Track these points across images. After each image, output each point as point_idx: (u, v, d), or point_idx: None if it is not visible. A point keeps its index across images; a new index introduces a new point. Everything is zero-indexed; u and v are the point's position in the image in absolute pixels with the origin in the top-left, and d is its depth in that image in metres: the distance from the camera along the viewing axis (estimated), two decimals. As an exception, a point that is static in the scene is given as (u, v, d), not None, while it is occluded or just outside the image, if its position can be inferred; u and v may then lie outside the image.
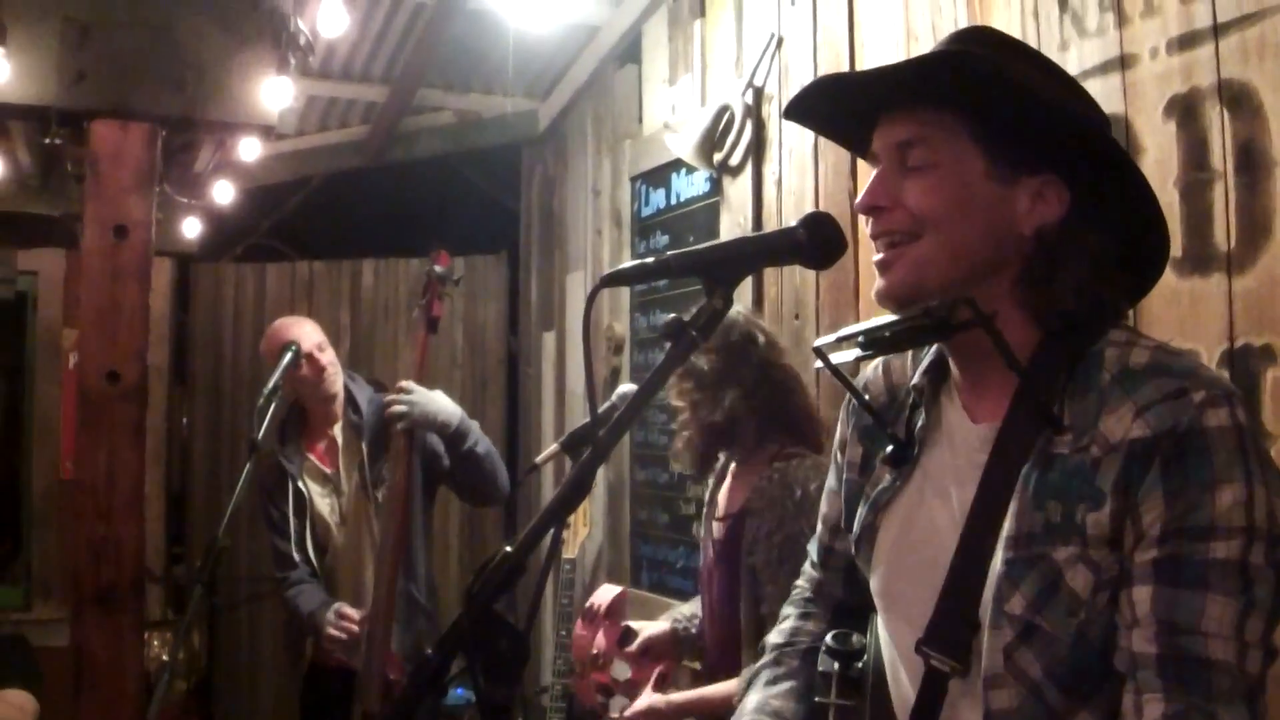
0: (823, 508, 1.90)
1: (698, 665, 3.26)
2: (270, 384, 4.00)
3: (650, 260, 1.37)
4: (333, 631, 3.90)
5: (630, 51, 5.13)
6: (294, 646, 4.48)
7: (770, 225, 3.85)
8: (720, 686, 2.87)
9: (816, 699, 1.64)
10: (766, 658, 1.89)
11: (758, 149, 3.93)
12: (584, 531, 4.95)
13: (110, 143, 3.92)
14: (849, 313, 3.39)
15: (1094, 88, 2.58)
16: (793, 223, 1.43)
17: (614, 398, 2.77)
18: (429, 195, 7.15)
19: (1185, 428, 1.31)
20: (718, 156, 4.06)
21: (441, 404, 3.96)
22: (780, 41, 3.82)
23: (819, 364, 1.61)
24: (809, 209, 3.59)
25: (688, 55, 4.53)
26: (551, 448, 2.67)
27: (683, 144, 4.14)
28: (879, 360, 1.75)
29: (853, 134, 1.66)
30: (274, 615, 6.43)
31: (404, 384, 3.94)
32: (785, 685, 1.82)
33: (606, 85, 5.41)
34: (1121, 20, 2.52)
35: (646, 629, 3.21)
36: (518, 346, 6.76)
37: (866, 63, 3.39)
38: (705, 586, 3.09)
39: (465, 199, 7.21)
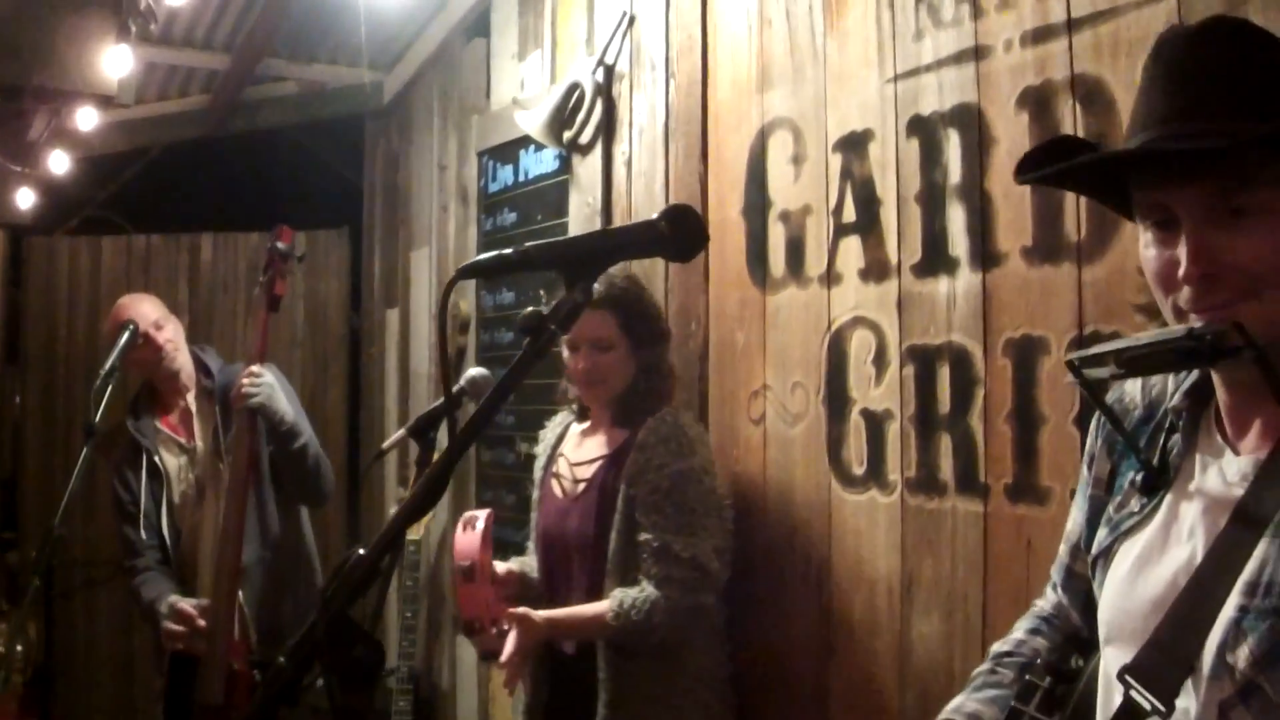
0: (1067, 525, 1.72)
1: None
2: (107, 366, 3.98)
3: (510, 251, 1.33)
4: (170, 627, 3.80)
5: (479, 25, 5.03)
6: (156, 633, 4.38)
7: (619, 206, 3.82)
8: (591, 607, 2.91)
9: (1014, 703, 1.55)
10: (984, 665, 1.74)
11: (608, 128, 3.88)
12: (429, 513, 4.88)
13: (-62, 110, 3.73)
14: (699, 294, 3.38)
15: (948, 78, 2.61)
16: (653, 215, 1.39)
17: (463, 381, 2.70)
18: (271, 168, 6.98)
19: None
20: (567, 135, 4.00)
21: (283, 399, 3.92)
22: (632, 20, 3.78)
23: (1071, 379, 1.46)
24: (659, 191, 3.60)
25: (538, 31, 4.47)
26: (398, 433, 2.59)
27: (532, 121, 4.08)
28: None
29: (1095, 184, 1.54)
30: (111, 603, 6.25)
31: (255, 368, 3.88)
32: (991, 693, 1.67)
33: (454, 59, 5.31)
34: (977, 12, 2.55)
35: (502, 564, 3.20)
36: (360, 324, 6.62)
37: (721, 44, 3.38)
38: (556, 527, 3.12)
39: (307, 172, 7.04)
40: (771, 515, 3.10)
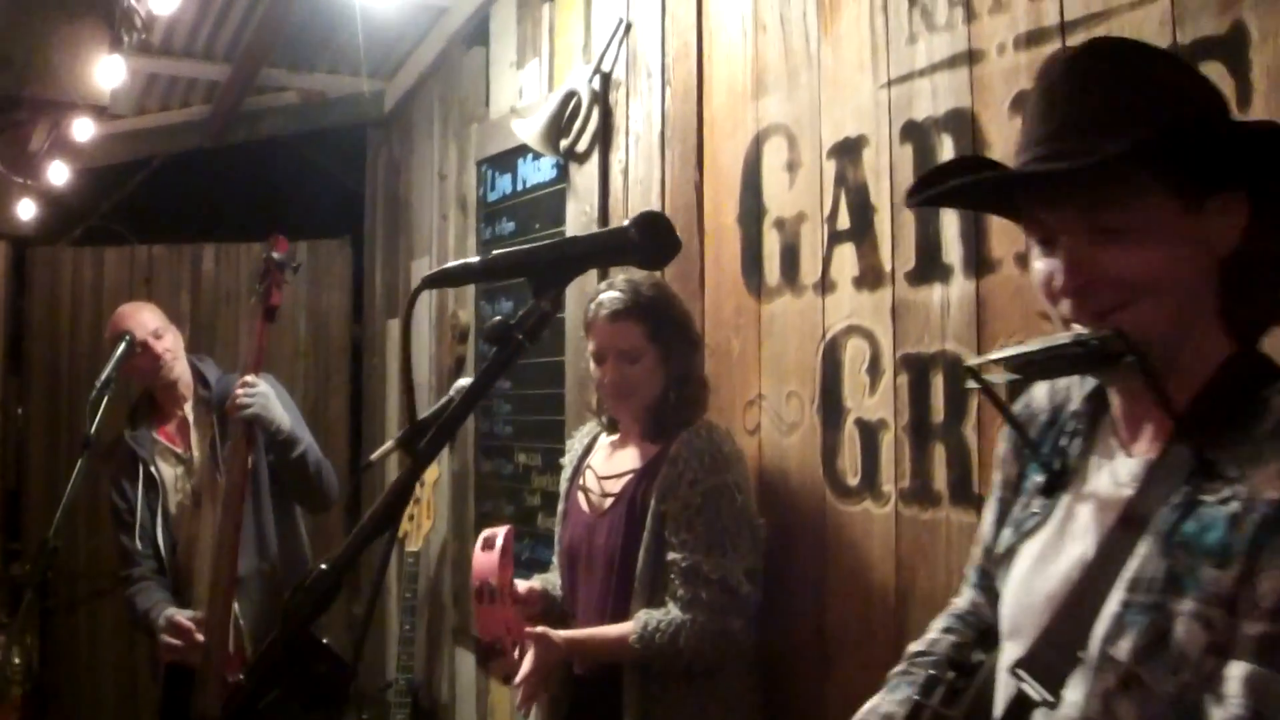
0: (981, 527, 1.78)
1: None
2: (103, 377, 4.01)
3: (475, 260, 1.30)
4: (167, 640, 3.79)
5: (478, 33, 5.02)
6: (150, 643, 4.37)
7: (616, 214, 3.79)
8: (615, 628, 2.79)
9: (916, 698, 1.59)
10: (900, 665, 1.79)
11: (605, 136, 3.86)
12: (428, 524, 4.87)
13: (-65, 121, 3.72)
14: (695, 302, 3.34)
15: (941, 82, 2.58)
16: (626, 222, 1.36)
17: (452, 391, 2.66)
18: (272, 178, 6.95)
19: None
20: (564, 143, 3.97)
21: (279, 408, 3.90)
22: (629, 27, 3.76)
23: (971, 384, 1.55)
24: (655, 198, 3.57)
25: (536, 39, 4.45)
26: (388, 444, 2.56)
27: (529, 129, 4.06)
28: (1053, 379, 1.65)
29: (990, 199, 1.63)
30: (115, 615, 6.22)
31: (249, 378, 3.87)
32: (905, 692, 1.71)
33: (453, 67, 5.29)
34: (970, 16, 2.52)
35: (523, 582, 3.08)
36: (362, 335, 6.60)
37: (716, 50, 3.35)
38: (581, 542, 2.99)
39: (309, 182, 7.02)
40: (767, 527, 3.06)
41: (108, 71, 3.94)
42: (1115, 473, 1.44)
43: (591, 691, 2.89)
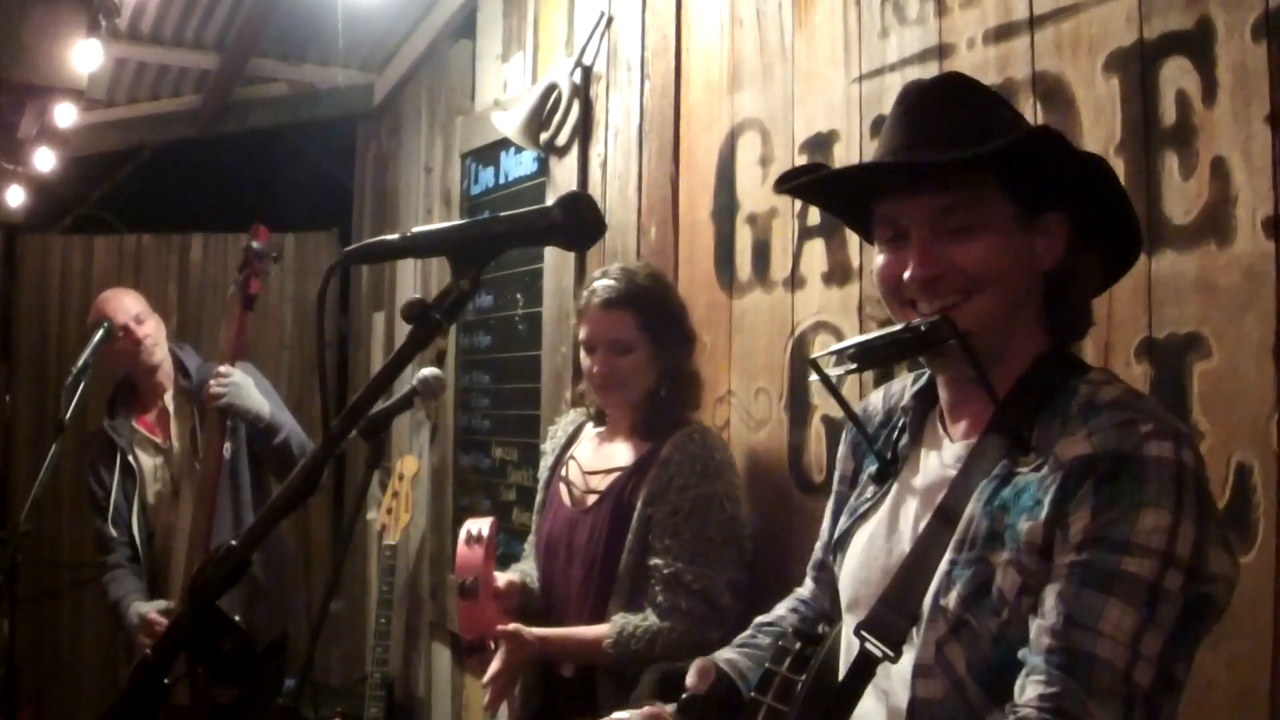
0: (823, 524, 1.98)
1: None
2: (79, 362, 4.01)
3: (395, 237, 1.28)
4: (142, 639, 3.78)
5: (466, 26, 5.00)
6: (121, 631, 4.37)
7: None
8: (589, 630, 2.72)
9: (768, 665, 1.67)
10: (747, 631, 2.02)
11: (584, 130, 3.84)
12: (405, 518, 4.85)
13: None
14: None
15: (912, 75, 2.55)
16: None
17: (415, 381, 2.64)
18: (262, 169, 6.92)
19: (1125, 451, 1.38)
20: (544, 136, 3.95)
21: (255, 396, 3.88)
22: (610, 21, 3.74)
23: (814, 377, 1.69)
24: (632, 192, 3.55)
25: (521, 32, 4.43)
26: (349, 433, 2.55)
27: (510, 122, 4.03)
28: (888, 384, 1.89)
29: (847, 203, 1.79)
30: (97, 603, 6.20)
31: (223, 368, 3.85)
32: (749, 650, 1.94)
33: (441, 60, 5.27)
34: (941, 10, 2.51)
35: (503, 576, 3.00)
36: (348, 327, 6.58)
37: (694, 44, 3.33)
38: (562, 537, 2.91)
39: (298, 173, 6.99)
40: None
41: (85, 55, 3.92)
42: (941, 457, 1.63)
43: (565, 692, 2.84)
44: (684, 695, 1.81)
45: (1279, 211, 1.83)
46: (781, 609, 2.05)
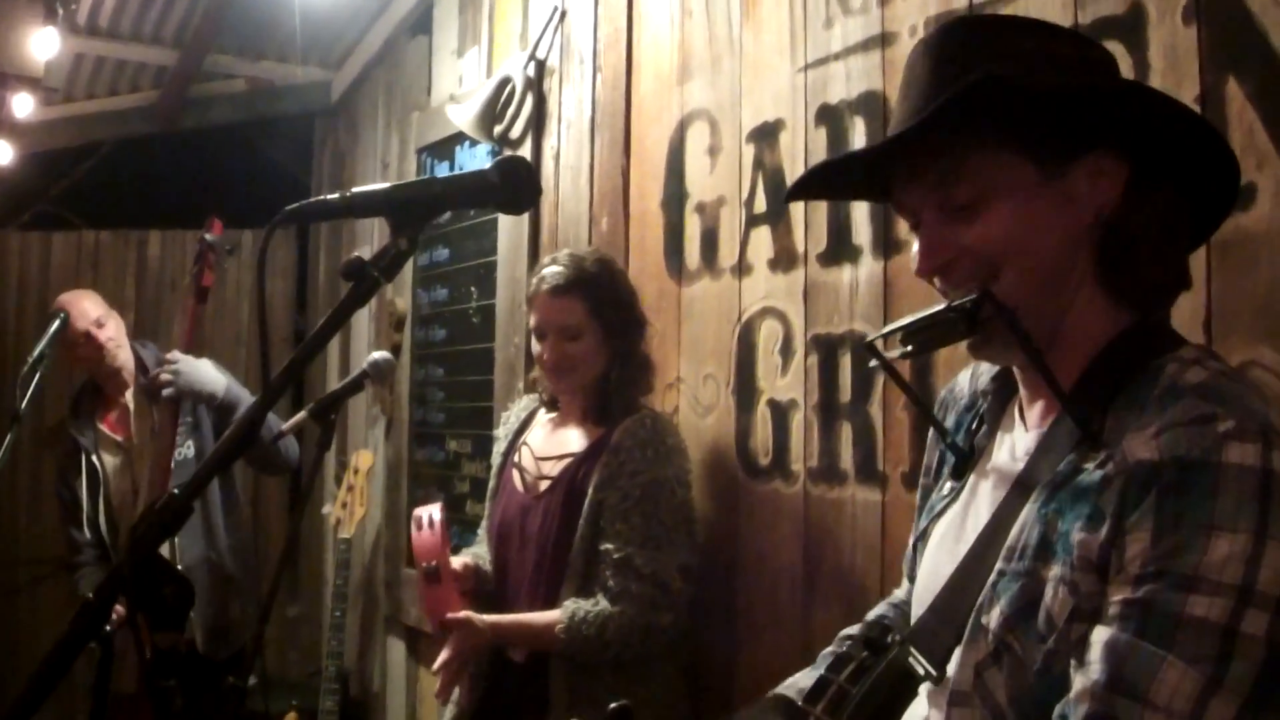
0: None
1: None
2: (35, 353, 4.00)
3: (334, 196, 1.31)
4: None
5: (422, 22, 5.02)
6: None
7: (548, 200, 3.80)
8: (541, 616, 2.73)
9: (824, 673, 1.56)
10: (831, 646, 1.76)
11: (538, 122, 3.87)
12: (360, 511, 4.85)
13: None
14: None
15: (855, 64, 2.61)
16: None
17: (365, 365, 2.67)
18: (220, 165, 6.91)
19: (1196, 457, 1.14)
20: (498, 129, 3.98)
21: (208, 374, 3.93)
22: (564, 14, 3.77)
23: (874, 362, 1.53)
24: (584, 183, 3.58)
25: (477, 26, 4.46)
26: (299, 415, 2.57)
27: (464, 115, 4.06)
28: (975, 364, 1.62)
29: (863, 188, 1.62)
30: (56, 600, 6.17)
31: (170, 354, 3.86)
32: (819, 670, 1.66)
33: (398, 56, 5.29)
34: (883, -1, 2.54)
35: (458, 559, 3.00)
36: (305, 325, 6.58)
37: (645, 36, 3.37)
38: (514, 523, 2.92)
39: (257, 169, 6.98)
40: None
41: (42, 44, 3.92)
42: (1014, 448, 1.42)
43: (517, 678, 2.84)
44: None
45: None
46: (871, 615, 1.82)
